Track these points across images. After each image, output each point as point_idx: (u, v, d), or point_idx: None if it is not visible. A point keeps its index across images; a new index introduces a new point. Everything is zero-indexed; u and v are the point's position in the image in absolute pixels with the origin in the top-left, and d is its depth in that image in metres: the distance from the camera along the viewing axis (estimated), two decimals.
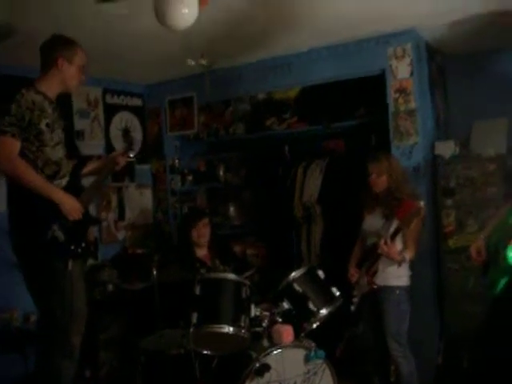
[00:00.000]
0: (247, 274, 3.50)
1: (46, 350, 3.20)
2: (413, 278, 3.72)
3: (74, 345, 3.27)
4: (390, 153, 4.07)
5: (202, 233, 3.95)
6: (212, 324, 3.07)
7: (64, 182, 3.17)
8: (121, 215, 5.20)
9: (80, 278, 3.33)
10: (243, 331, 3.10)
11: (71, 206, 3.13)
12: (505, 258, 2.61)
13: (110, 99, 5.15)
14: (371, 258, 3.63)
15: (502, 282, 2.69)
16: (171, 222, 5.47)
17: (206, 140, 5.56)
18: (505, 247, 2.62)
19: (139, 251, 4.99)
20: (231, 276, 3.27)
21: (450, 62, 4.86)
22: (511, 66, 4.39)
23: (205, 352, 3.20)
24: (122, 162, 3.53)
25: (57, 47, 3.16)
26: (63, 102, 3.43)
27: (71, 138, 3.49)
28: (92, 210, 4.46)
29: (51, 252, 3.10)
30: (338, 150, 5.04)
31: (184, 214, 5.45)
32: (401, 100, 4.18)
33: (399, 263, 3.54)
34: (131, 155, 3.64)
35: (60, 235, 3.07)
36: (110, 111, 5.16)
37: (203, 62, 3.67)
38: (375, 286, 3.62)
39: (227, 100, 5.41)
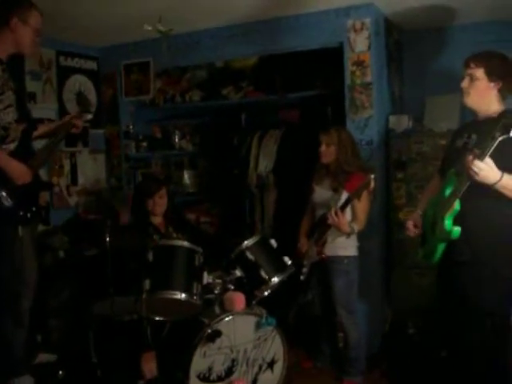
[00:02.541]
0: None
1: None
2: (362, 248, 3.82)
3: (23, 310, 3.26)
4: (342, 126, 4.09)
5: (159, 203, 3.90)
6: (165, 290, 3.09)
7: (12, 146, 3.10)
8: (73, 180, 5.12)
9: (31, 244, 3.30)
10: (195, 298, 3.13)
11: (18, 170, 3.05)
12: (442, 226, 2.71)
13: (63, 61, 5.00)
14: (321, 228, 3.71)
15: (440, 249, 2.79)
16: (125, 188, 5.41)
17: (161, 106, 5.50)
18: (442, 218, 2.72)
19: (92, 217, 4.94)
20: (184, 243, 3.27)
21: (406, 37, 4.90)
22: (465, 41, 4.45)
23: (157, 318, 3.23)
24: (80, 124, 3.47)
25: (11, 6, 3.04)
26: (15, 63, 3.32)
27: (23, 100, 3.41)
28: (43, 174, 4.39)
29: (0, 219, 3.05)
30: (294, 120, 5.07)
31: (140, 182, 5.38)
32: (357, 73, 4.21)
33: (348, 234, 3.63)
34: (89, 117, 3.58)
35: (8, 201, 3.02)
36: (64, 74, 5.03)
37: (161, 27, 3.58)
38: (324, 256, 3.70)
39: (185, 66, 5.35)
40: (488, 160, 2.52)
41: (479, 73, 2.80)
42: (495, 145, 2.47)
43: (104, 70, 5.38)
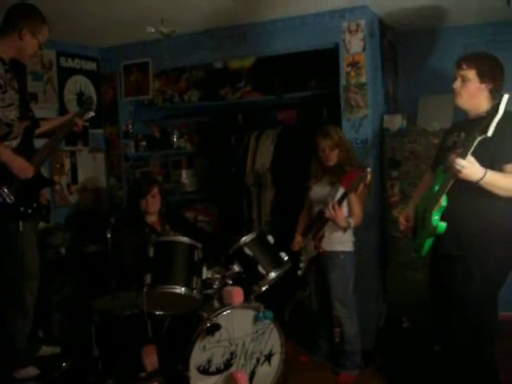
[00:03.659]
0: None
1: (0, 310, 3.25)
2: (358, 244, 3.91)
3: (27, 304, 3.33)
4: (336, 125, 4.11)
5: (151, 203, 3.96)
6: (165, 285, 3.17)
7: (14, 143, 3.18)
8: (74, 179, 5.19)
9: (32, 238, 3.38)
10: (195, 292, 3.21)
11: (20, 165, 3.13)
12: (429, 221, 2.78)
13: (64, 62, 5.08)
14: (318, 223, 3.78)
15: (428, 243, 2.86)
16: (124, 186, 5.48)
17: (160, 106, 5.58)
18: (430, 213, 2.79)
19: (92, 215, 5.02)
20: (184, 239, 3.35)
21: (400, 38, 4.99)
22: (458, 42, 4.55)
23: (157, 312, 3.31)
24: (81, 123, 3.55)
25: (26, 17, 3.13)
26: (17, 64, 3.40)
27: (25, 99, 3.48)
28: (45, 173, 4.45)
29: (0, 214, 3.13)
30: (291, 120, 5.15)
31: (133, 183, 5.41)
32: (352, 74, 4.30)
33: (344, 229, 3.71)
34: (91, 115, 3.66)
35: (9, 197, 3.10)
36: (64, 74, 5.10)
37: (163, 29, 3.66)
38: (321, 251, 3.78)
39: (183, 67, 5.42)
40: (470, 158, 2.58)
41: (471, 74, 2.86)
42: (475, 144, 2.54)
43: (104, 70, 5.45)
